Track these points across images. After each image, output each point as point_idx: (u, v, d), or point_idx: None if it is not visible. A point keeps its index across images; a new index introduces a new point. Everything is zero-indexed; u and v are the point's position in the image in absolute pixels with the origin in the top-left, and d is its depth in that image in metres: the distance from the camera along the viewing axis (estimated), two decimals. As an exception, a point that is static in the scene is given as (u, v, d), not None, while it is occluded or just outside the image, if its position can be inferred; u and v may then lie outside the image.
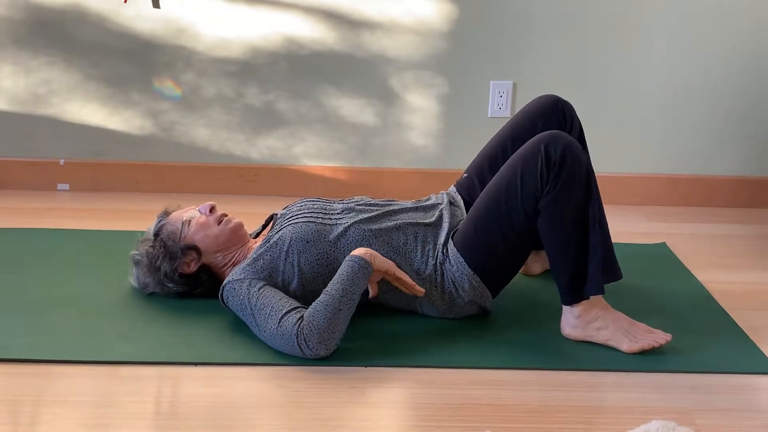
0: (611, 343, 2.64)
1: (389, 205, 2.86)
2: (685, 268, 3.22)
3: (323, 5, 3.72)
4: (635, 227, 3.64)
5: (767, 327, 2.81)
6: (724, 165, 3.92)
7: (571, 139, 2.64)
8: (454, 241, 2.74)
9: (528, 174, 2.63)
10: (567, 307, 2.68)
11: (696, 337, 2.71)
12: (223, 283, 2.70)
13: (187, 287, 2.82)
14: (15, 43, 3.73)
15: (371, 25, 3.75)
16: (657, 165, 3.91)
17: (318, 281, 2.69)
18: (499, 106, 3.83)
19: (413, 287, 2.67)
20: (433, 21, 3.75)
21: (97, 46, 3.74)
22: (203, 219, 2.83)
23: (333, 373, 2.48)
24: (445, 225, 2.79)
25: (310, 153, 3.87)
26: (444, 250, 2.74)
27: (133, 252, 2.85)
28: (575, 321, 2.66)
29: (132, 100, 3.79)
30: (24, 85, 3.77)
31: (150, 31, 3.73)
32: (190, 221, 2.82)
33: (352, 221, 2.75)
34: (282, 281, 2.69)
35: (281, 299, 2.59)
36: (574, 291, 2.65)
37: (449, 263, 2.72)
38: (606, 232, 2.68)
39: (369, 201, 2.88)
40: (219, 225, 2.82)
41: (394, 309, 2.80)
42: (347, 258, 2.61)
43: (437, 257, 2.73)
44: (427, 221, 2.80)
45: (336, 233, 2.73)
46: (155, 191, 3.85)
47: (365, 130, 3.86)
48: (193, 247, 2.79)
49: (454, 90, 3.83)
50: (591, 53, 3.80)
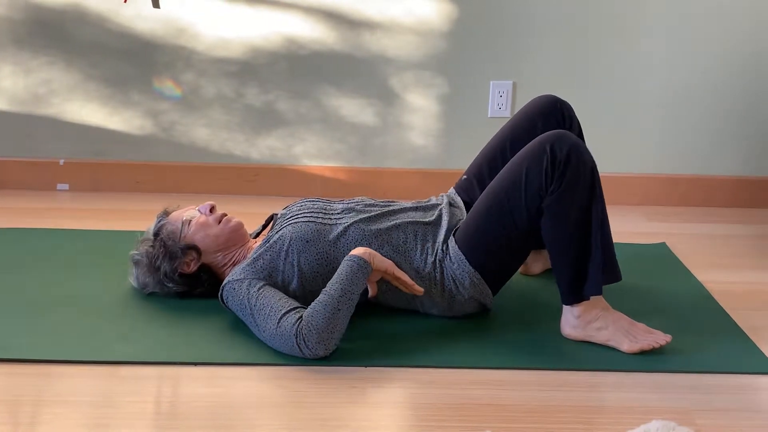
0: (611, 344, 2.64)
1: (389, 206, 2.86)
2: (685, 268, 3.22)
3: (323, 5, 3.72)
4: (635, 227, 3.64)
5: (767, 327, 2.81)
6: (724, 165, 3.91)
7: (577, 139, 2.64)
8: (455, 239, 2.73)
9: (533, 173, 2.62)
10: (567, 307, 2.67)
11: (696, 337, 2.71)
12: (223, 283, 2.70)
13: (187, 287, 2.82)
14: (15, 43, 3.73)
15: (371, 25, 3.75)
16: (657, 165, 3.91)
17: (318, 281, 2.69)
18: (499, 106, 3.83)
19: (412, 287, 2.67)
20: (433, 21, 3.75)
21: (97, 46, 3.74)
22: (203, 219, 2.82)
23: (333, 373, 2.48)
24: (444, 223, 2.79)
25: (310, 153, 3.87)
26: (444, 247, 2.74)
27: (133, 252, 2.85)
28: (575, 321, 2.66)
29: (132, 100, 3.79)
30: (24, 85, 3.77)
31: (150, 31, 3.73)
32: (190, 221, 2.82)
33: (351, 221, 2.75)
34: (282, 281, 2.69)
35: (281, 299, 2.59)
36: (574, 291, 2.64)
37: (450, 260, 2.72)
38: (608, 232, 2.68)
39: (369, 201, 2.88)
40: (219, 225, 2.82)
41: (394, 309, 2.80)
42: (346, 258, 2.61)
43: (436, 254, 2.73)
44: (427, 220, 2.80)
45: (336, 233, 2.73)
46: (155, 191, 3.85)
47: (365, 130, 3.86)
48: (193, 247, 2.79)
49: (454, 90, 3.83)
50: (591, 53, 3.80)
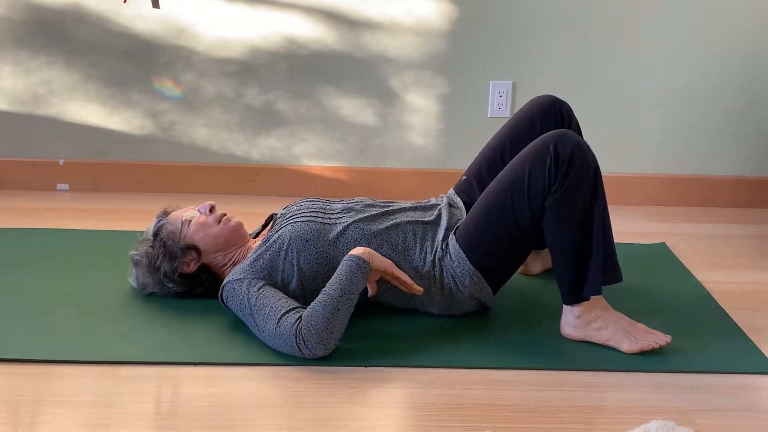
0: (611, 344, 2.64)
1: (389, 206, 2.86)
2: (685, 268, 3.22)
3: (323, 5, 3.72)
4: (635, 227, 3.64)
5: (767, 327, 2.81)
6: (724, 165, 3.91)
7: (580, 139, 2.64)
8: (456, 237, 2.73)
9: (536, 172, 2.62)
10: (567, 307, 2.67)
11: (696, 337, 2.71)
12: (223, 283, 2.70)
13: (187, 287, 2.82)
14: (15, 43, 3.73)
15: (371, 25, 3.75)
16: (657, 165, 3.91)
17: (317, 280, 2.69)
18: (499, 106, 3.83)
19: (412, 286, 2.67)
20: (433, 21, 3.75)
21: (97, 46, 3.74)
22: (203, 219, 2.82)
23: (333, 373, 2.48)
24: (444, 223, 2.79)
25: (310, 153, 3.87)
26: (443, 245, 2.73)
27: (133, 252, 2.85)
28: (575, 321, 2.66)
29: (132, 100, 3.79)
30: (24, 85, 3.77)
31: (150, 31, 3.72)
32: (189, 221, 2.81)
33: (351, 220, 2.75)
34: (281, 280, 2.69)
35: (280, 299, 2.58)
36: (575, 291, 2.64)
37: (450, 258, 2.72)
38: (609, 233, 2.68)
39: (369, 202, 2.88)
40: (219, 224, 2.82)
41: (393, 308, 2.80)
42: (345, 258, 2.61)
43: (436, 253, 2.73)
44: (426, 219, 2.80)
45: (335, 232, 2.73)
46: (155, 191, 3.85)
47: (365, 130, 3.86)
48: (193, 247, 2.79)
49: (454, 90, 3.83)
50: (591, 53, 3.80)
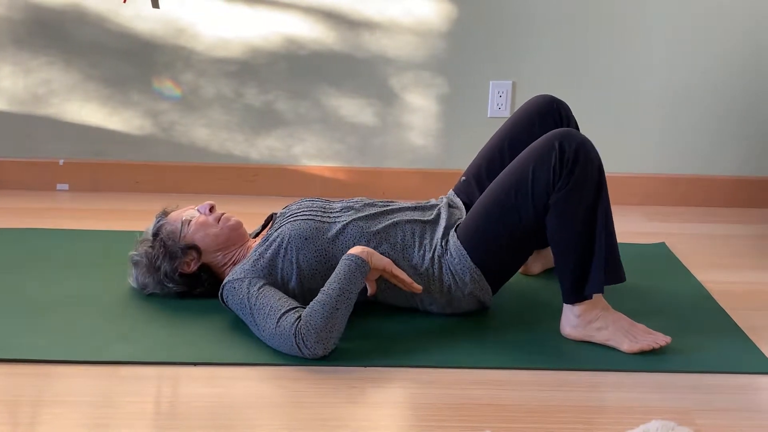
0: (611, 343, 2.64)
1: (388, 205, 2.86)
2: (685, 268, 3.22)
3: (323, 5, 3.72)
4: (635, 227, 3.64)
5: (767, 327, 2.81)
6: (723, 165, 3.91)
7: (585, 137, 2.64)
8: (457, 234, 2.73)
9: (540, 169, 2.61)
10: (568, 306, 2.67)
11: (696, 337, 2.71)
12: (223, 283, 2.70)
13: (187, 287, 2.82)
14: (15, 43, 3.72)
15: (371, 26, 3.75)
16: (657, 165, 3.91)
17: (316, 278, 2.69)
18: (499, 106, 3.83)
19: (411, 285, 2.67)
20: (433, 21, 3.75)
21: (97, 46, 3.74)
22: (203, 218, 2.82)
23: (333, 373, 2.48)
24: (443, 221, 2.79)
25: (309, 153, 3.87)
26: (442, 243, 2.73)
27: (132, 253, 2.85)
28: (576, 320, 2.66)
29: (131, 100, 3.79)
30: (23, 85, 3.77)
31: (149, 31, 3.72)
32: (189, 221, 2.81)
33: (350, 219, 2.75)
34: (281, 279, 2.69)
35: (280, 299, 2.58)
36: (576, 290, 2.64)
37: (450, 255, 2.71)
38: (612, 232, 2.68)
39: (368, 201, 2.88)
40: (218, 224, 2.82)
41: (393, 308, 2.79)
42: (344, 257, 2.61)
43: (435, 251, 2.72)
44: (425, 218, 2.80)
45: (334, 231, 2.73)
46: (155, 191, 3.85)
47: (365, 130, 3.86)
48: (193, 247, 2.78)
49: (453, 90, 3.83)
50: (591, 53, 3.80)
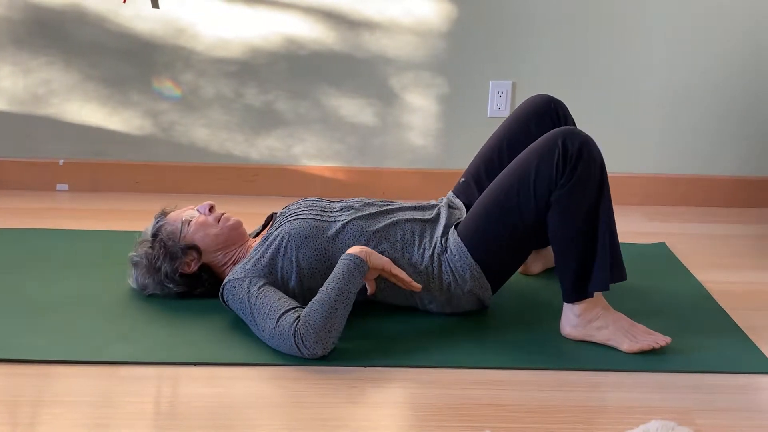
0: (611, 343, 2.63)
1: (388, 205, 2.86)
2: (685, 268, 3.22)
3: (323, 5, 3.72)
4: (635, 227, 3.64)
5: (767, 327, 2.81)
6: (723, 165, 3.91)
7: (588, 136, 2.64)
8: (458, 231, 2.73)
9: (543, 166, 2.61)
10: (568, 306, 2.67)
11: (696, 337, 2.71)
12: (224, 282, 2.70)
13: (188, 287, 2.82)
14: (14, 43, 3.72)
15: (370, 26, 3.75)
16: (657, 165, 3.91)
17: (316, 277, 2.69)
18: (499, 106, 3.83)
19: (410, 284, 2.67)
20: (433, 21, 3.75)
21: (97, 46, 3.74)
22: (202, 218, 2.82)
23: (333, 373, 2.48)
24: (443, 220, 2.79)
25: (309, 153, 3.87)
26: (442, 241, 2.73)
27: (132, 254, 2.85)
28: (576, 320, 2.66)
29: (131, 100, 3.79)
30: (23, 85, 3.77)
31: (149, 32, 3.72)
32: (189, 221, 2.81)
33: (350, 218, 2.75)
34: (281, 278, 2.69)
35: (280, 299, 2.58)
36: (577, 288, 2.64)
37: (450, 253, 2.71)
38: (614, 230, 2.68)
39: (368, 201, 2.88)
40: (218, 224, 2.82)
41: (392, 308, 2.79)
42: (342, 257, 2.61)
43: (434, 249, 2.72)
44: (425, 217, 2.80)
45: (334, 230, 2.73)
46: (155, 191, 3.85)
47: (364, 130, 3.86)
48: (194, 247, 2.78)
49: (453, 90, 3.83)
50: (591, 53, 3.80)
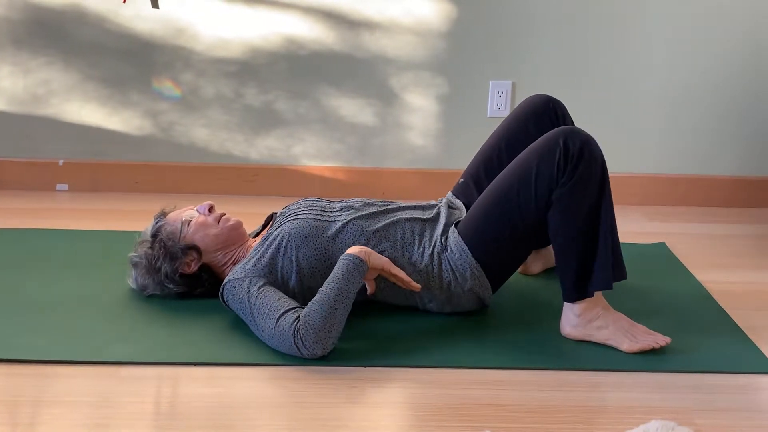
0: (611, 343, 2.63)
1: (388, 205, 2.86)
2: (685, 268, 3.22)
3: (322, 5, 3.72)
4: (635, 227, 3.64)
5: (767, 327, 2.81)
6: (723, 165, 3.91)
7: (589, 135, 2.64)
8: (458, 230, 2.73)
9: (544, 165, 2.61)
10: (568, 305, 2.67)
11: (696, 337, 2.71)
12: (224, 282, 2.70)
13: (188, 287, 2.82)
14: (14, 44, 3.72)
15: (370, 26, 3.75)
16: (657, 165, 3.91)
17: (316, 277, 2.69)
18: (499, 106, 3.83)
19: (410, 283, 2.67)
20: (432, 21, 3.75)
21: (96, 46, 3.74)
22: (202, 218, 2.82)
23: (333, 373, 2.48)
24: (443, 219, 2.79)
25: (309, 153, 3.87)
26: (442, 239, 2.73)
27: (131, 254, 2.84)
28: (576, 320, 2.66)
29: (131, 100, 3.79)
30: (23, 86, 3.76)
31: (149, 32, 3.72)
32: (189, 221, 2.81)
33: (350, 218, 2.75)
34: (281, 277, 2.69)
35: (280, 299, 2.58)
36: (578, 288, 2.64)
37: (450, 251, 2.71)
38: (614, 231, 2.68)
39: (368, 201, 2.88)
40: (218, 224, 2.82)
41: (392, 307, 2.79)
42: (342, 257, 2.61)
43: (434, 248, 2.72)
44: (425, 217, 2.81)
45: (334, 229, 2.73)
46: (154, 191, 3.85)
47: (364, 130, 3.85)
48: (194, 247, 2.78)
49: (453, 90, 3.83)
50: (590, 53, 3.80)
